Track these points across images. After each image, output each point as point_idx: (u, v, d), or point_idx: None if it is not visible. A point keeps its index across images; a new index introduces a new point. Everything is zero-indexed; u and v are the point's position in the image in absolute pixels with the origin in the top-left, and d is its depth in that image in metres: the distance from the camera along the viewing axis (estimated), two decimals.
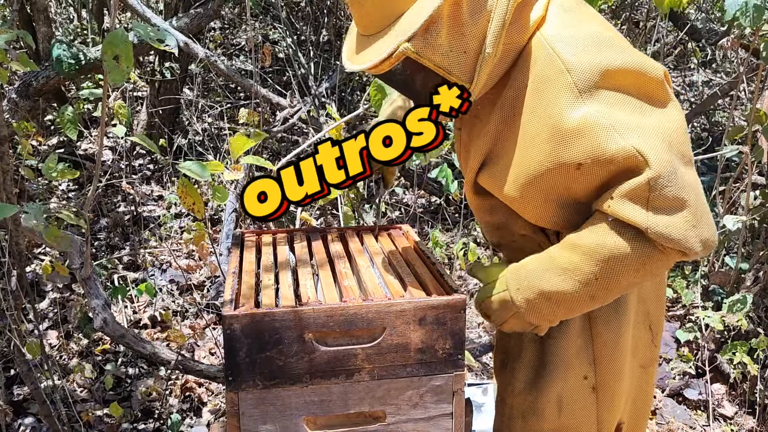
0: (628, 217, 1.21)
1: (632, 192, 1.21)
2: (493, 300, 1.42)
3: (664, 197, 1.20)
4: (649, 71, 1.29)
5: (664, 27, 4.75)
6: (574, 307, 1.34)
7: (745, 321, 2.81)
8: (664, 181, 1.19)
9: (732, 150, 3.03)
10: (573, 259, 1.29)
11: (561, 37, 1.29)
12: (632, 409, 1.63)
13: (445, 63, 1.28)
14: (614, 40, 1.32)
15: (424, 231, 4.13)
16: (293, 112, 4.08)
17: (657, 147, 1.21)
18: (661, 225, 1.20)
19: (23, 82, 3.39)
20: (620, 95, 1.26)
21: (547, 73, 1.27)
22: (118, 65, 1.49)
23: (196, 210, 1.81)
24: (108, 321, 2.18)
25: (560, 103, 1.25)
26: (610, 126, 1.22)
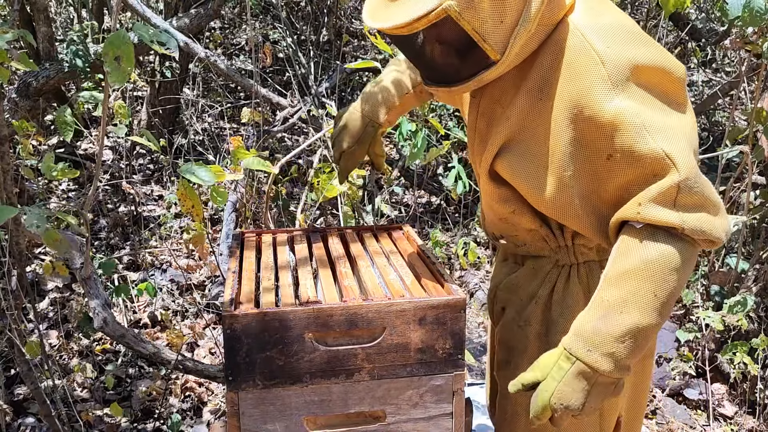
0: (661, 219, 1.24)
1: (661, 195, 1.23)
2: (566, 380, 1.27)
3: (691, 197, 1.23)
4: (673, 70, 1.31)
5: (664, 27, 4.75)
6: (649, 334, 1.27)
7: (745, 321, 2.81)
8: (692, 183, 1.23)
9: (732, 150, 3.03)
10: (625, 289, 1.25)
11: (592, 27, 1.30)
12: (630, 402, 1.63)
13: (482, 29, 1.24)
14: (642, 34, 1.33)
15: (424, 231, 4.13)
16: (293, 112, 4.09)
17: (683, 150, 1.24)
18: (692, 221, 1.23)
19: (23, 82, 3.39)
20: (649, 92, 1.28)
21: (580, 61, 1.27)
22: (119, 66, 1.49)
23: (194, 213, 1.81)
24: (108, 321, 2.18)
25: (594, 94, 1.25)
26: (642, 125, 1.24)
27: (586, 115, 1.27)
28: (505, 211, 1.50)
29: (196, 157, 4.21)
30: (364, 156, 1.78)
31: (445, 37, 1.28)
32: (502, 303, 1.64)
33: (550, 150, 1.33)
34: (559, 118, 1.31)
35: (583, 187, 1.34)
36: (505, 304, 1.62)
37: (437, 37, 1.28)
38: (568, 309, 1.49)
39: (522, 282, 1.57)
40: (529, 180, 1.37)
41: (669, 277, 1.24)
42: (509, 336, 1.59)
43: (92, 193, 1.88)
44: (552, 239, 1.48)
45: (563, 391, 1.26)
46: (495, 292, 1.66)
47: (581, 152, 1.30)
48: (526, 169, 1.37)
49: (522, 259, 1.59)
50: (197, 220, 1.84)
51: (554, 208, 1.37)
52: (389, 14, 1.27)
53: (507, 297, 1.61)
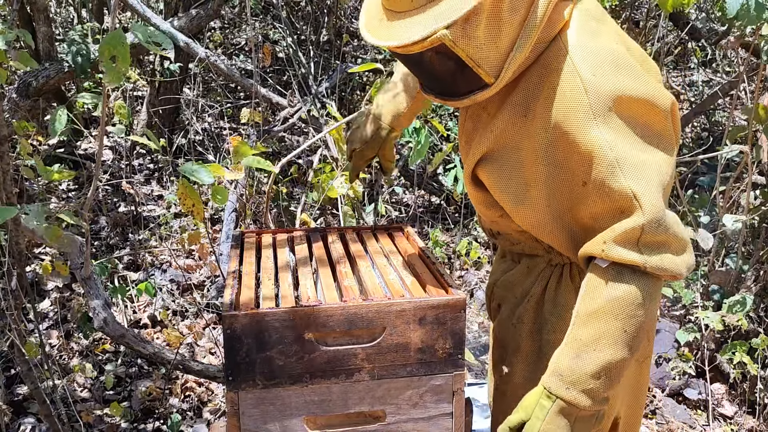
0: (624, 258, 1.26)
1: (624, 235, 1.26)
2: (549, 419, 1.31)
3: (654, 237, 1.26)
4: (658, 102, 1.31)
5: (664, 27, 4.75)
6: (621, 367, 1.31)
7: (745, 321, 2.81)
8: (655, 225, 1.25)
9: (732, 150, 3.02)
10: (596, 328, 1.29)
11: (582, 50, 1.30)
12: (628, 403, 1.63)
13: (476, 56, 1.26)
14: (632, 65, 1.33)
15: (424, 231, 4.13)
16: (293, 112, 4.09)
17: (652, 190, 1.26)
18: (654, 260, 1.26)
19: (23, 82, 3.39)
20: (628, 123, 1.29)
21: (564, 86, 1.28)
22: (115, 66, 1.49)
23: (195, 212, 1.81)
24: (108, 321, 2.18)
25: (574, 121, 1.26)
26: (615, 160, 1.25)
27: (565, 139, 1.28)
28: (493, 215, 1.51)
29: (196, 157, 4.21)
30: (372, 157, 1.82)
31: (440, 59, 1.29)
32: (498, 300, 1.65)
33: (528, 167, 1.35)
34: (540, 138, 1.32)
35: (557, 207, 1.35)
36: (501, 302, 1.63)
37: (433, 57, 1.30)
38: (559, 307, 1.50)
39: (517, 280, 1.58)
40: (505, 192, 1.39)
41: (636, 312, 1.28)
42: (504, 334, 1.60)
43: (92, 193, 1.88)
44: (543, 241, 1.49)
45: (548, 429, 1.30)
46: (492, 288, 1.67)
47: (559, 174, 1.31)
48: (504, 181, 1.39)
49: (518, 257, 1.60)
50: (198, 219, 1.84)
51: (528, 222, 1.39)
52: (386, 32, 1.29)
53: (503, 294, 1.62)
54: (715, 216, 3.26)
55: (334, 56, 5.22)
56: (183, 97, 4.60)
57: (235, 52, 5.71)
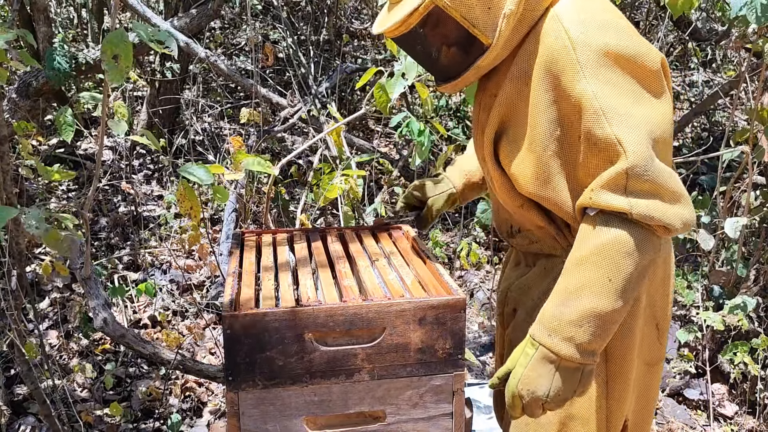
0: (611, 204, 1.26)
1: (611, 181, 1.26)
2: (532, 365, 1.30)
3: (642, 183, 1.26)
4: (645, 61, 1.34)
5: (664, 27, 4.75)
6: (608, 319, 1.28)
7: (745, 321, 2.81)
8: (641, 170, 1.25)
9: (733, 151, 3.02)
10: (581, 276, 1.28)
11: (571, 15, 1.35)
12: (637, 407, 1.63)
13: (470, 15, 1.34)
14: (621, 26, 1.36)
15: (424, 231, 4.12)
16: (293, 112, 4.08)
17: (638, 137, 1.27)
18: (642, 206, 1.25)
19: (23, 82, 3.38)
20: (617, 77, 1.31)
21: (554, 47, 1.33)
22: (117, 65, 1.49)
23: (193, 215, 1.81)
24: (108, 321, 2.18)
25: (565, 78, 1.31)
26: (600, 110, 1.28)
27: (560, 96, 1.33)
28: (515, 204, 1.52)
29: (196, 157, 4.21)
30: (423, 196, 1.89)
31: (439, 30, 1.39)
32: (513, 304, 1.64)
33: (532, 132, 1.38)
34: (539, 101, 1.36)
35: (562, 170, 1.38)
36: (517, 305, 1.62)
37: (433, 31, 1.40)
38: None
39: (533, 282, 1.58)
40: (516, 163, 1.42)
41: (623, 261, 1.26)
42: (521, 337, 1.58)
43: (92, 193, 1.88)
44: (561, 238, 1.49)
45: (529, 376, 1.30)
46: (506, 293, 1.66)
47: (558, 132, 1.35)
48: (514, 152, 1.43)
49: (534, 261, 1.60)
50: (196, 222, 1.84)
51: (537, 188, 1.40)
52: (388, 18, 1.42)
53: (518, 298, 1.61)
54: (716, 216, 3.26)
55: (334, 56, 5.22)
56: (183, 98, 4.60)
57: (235, 52, 5.71)
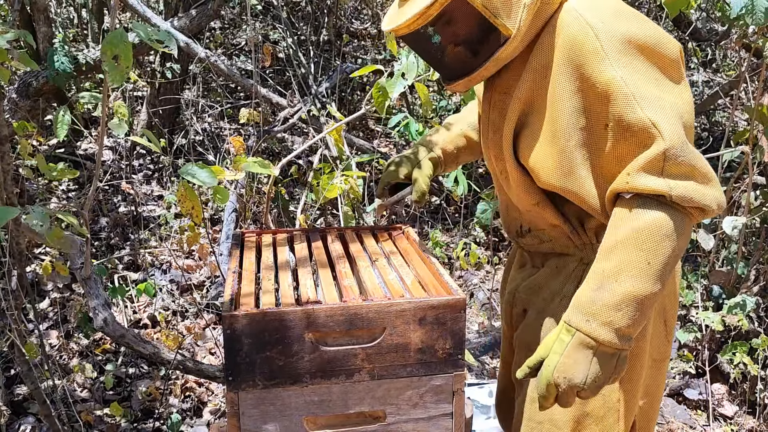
0: (649, 187, 1.25)
1: (648, 164, 1.26)
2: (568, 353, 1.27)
3: (678, 165, 1.25)
4: (664, 50, 1.34)
5: (663, 27, 4.74)
6: (646, 302, 1.27)
7: (745, 321, 2.81)
8: (678, 151, 1.25)
9: (733, 151, 3.02)
10: (619, 259, 1.27)
11: (587, 6, 1.35)
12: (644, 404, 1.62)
13: (491, 5, 1.32)
14: (636, 14, 1.38)
15: (424, 231, 4.13)
16: (293, 112, 4.08)
17: (671, 120, 1.27)
18: (680, 188, 1.25)
19: (23, 82, 3.39)
20: (642, 65, 1.31)
21: (576, 36, 1.32)
22: (117, 65, 1.48)
23: (194, 215, 1.81)
24: (108, 321, 2.18)
25: (590, 65, 1.29)
26: (631, 94, 1.27)
27: (584, 85, 1.31)
28: (530, 202, 1.51)
29: (196, 157, 4.21)
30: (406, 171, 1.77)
31: (456, 22, 1.34)
32: (523, 305, 1.62)
33: (554, 124, 1.37)
34: (561, 92, 1.34)
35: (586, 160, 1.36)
36: (527, 306, 1.61)
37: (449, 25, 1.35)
38: None
39: (544, 282, 1.56)
40: (537, 157, 1.40)
41: (661, 244, 1.25)
42: (532, 337, 1.57)
43: (92, 193, 1.88)
44: (576, 236, 1.49)
45: (565, 363, 1.27)
46: (514, 295, 1.64)
47: (582, 122, 1.33)
48: (534, 146, 1.41)
49: (542, 261, 1.59)
50: (197, 221, 1.84)
51: (559, 181, 1.39)
52: (402, 13, 1.36)
53: (528, 299, 1.60)
54: (716, 216, 3.26)
55: (334, 56, 5.22)
56: (183, 98, 4.60)
57: (235, 52, 5.71)
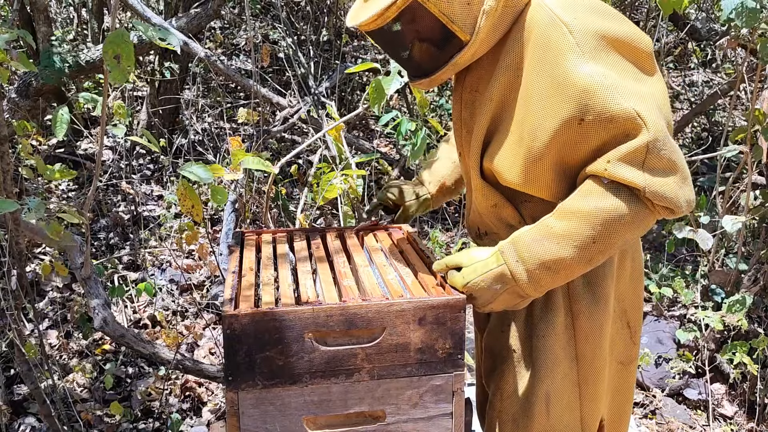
0: (626, 178, 1.26)
1: (630, 154, 1.26)
2: (485, 278, 1.38)
3: (659, 159, 1.26)
4: (639, 44, 1.35)
5: (664, 27, 4.75)
6: (572, 273, 1.36)
7: (745, 321, 2.81)
8: (660, 144, 1.25)
9: (732, 150, 3.03)
10: (570, 226, 1.31)
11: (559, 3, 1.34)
12: (612, 406, 1.63)
13: (448, 11, 1.31)
14: (608, 9, 1.37)
15: (424, 231, 4.13)
16: (293, 112, 4.08)
17: (652, 112, 1.27)
18: (656, 185, 1.26)
19: (23, 82, 3.39)
20: (617, 59, 1.31)
21: (549, 34, 1.31)
22: (119, 65, 1.48)
23: (194, 213, 1.81)
24: (108, 320, 2.18)
25: (564, 62, 1.28)
26: (612, 86, 1.26)
27: (558, 83, 1.30)
28: (488, 204, 1.52)
29: (196, 157, 4.21)
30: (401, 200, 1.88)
31: (416, 25, 1.35)
32: None
33: (522, 124, 1.36)
34: (532, 91, 1.34)
35: (553, 156, 1.36)
36: None
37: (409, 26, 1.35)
38: (549, 313, 1.50)
39: None
40: (504, 157, 1.40)
41: (614, 231, 1.29)
42: (493, 343, 1.60)
43: (92, 193, 1.88)
44: None
45: (479, 283, 1.38)
46: None
47: (554, 121, 1.32)
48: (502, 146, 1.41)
49: None
50: (197, 220, 1.84)
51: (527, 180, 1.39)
52: (364, 11, 1.37)
53: None
54: (715, 216, 3.26)
55: (334, 56, 5.22)
56: (183, 98, 4.60)
57: (235, 52, 5.71)
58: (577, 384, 1.53)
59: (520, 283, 1.36)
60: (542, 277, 1.34)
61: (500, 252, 1.38)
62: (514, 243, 1.37)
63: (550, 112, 1.31)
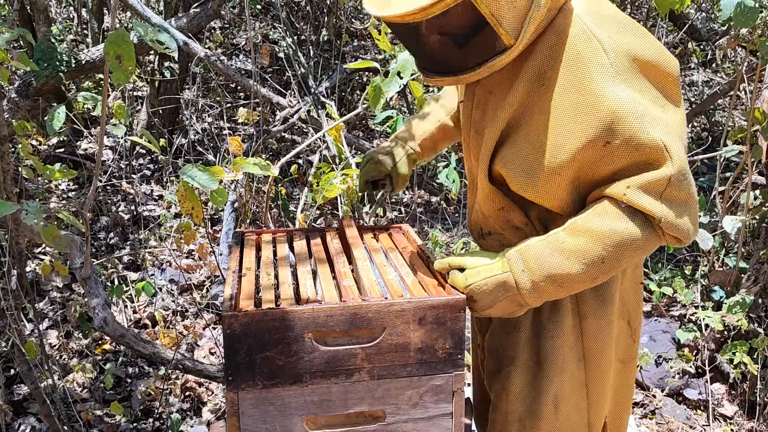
0: (645, 207, 1.28)
1: (651, 184, 1.27)
2: (488, 282, 1.37)
3: (678, 192, 1.28)
4: (666, 67, 1.34)
5: (664, 27, 4.75)
6: (573, 288, 1.37)
7: (745, 321, 2.81)
8: (681, 178, 1.28)
9: (732, 150, 3.03)
10: (582, 243, 1.32)
11: (593, 16, 1.31)
12: (613, 405, 1.63)
13: (498, 13, 1.23)
14: (636, 26, 1.36)
15: (424, 231, 4.13)
16: (293, 112, 4.08)
17: (677, 144, 1.28)
18: (672, 217, 1.29)
19: (23, 82, 3.38)
20: (646, 84, 1.31)
21: (582, 49, 1.28)
22: (121, 65, 1.48)
23: (194, 215, 1.81)
24: (108, 320, 2.18)
25: (596, 82, 1.27)
26: (642, 115, 1.26)
27: (587, 102, 1.28)
28: (494, 207, 1.50)
29: (195, 157, 4.21)
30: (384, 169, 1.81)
31: (456, 23, 1.24)
32: None
33: (545, 135, 1.34)
34: (559, 105, 1.31)
35: (571, 173, 1.35)
36: None
37: (446, 22, 1.24)
38: (557, 314, 1.49)
39: None
40: (519, 166, 1.38)
41: (623, 254, 1.31)
42: (498, 344, 1.58)
43: (92, 193, 1.88)
44: None
45: (481, 287, 1.37)
46: None
47: (578, 139, 1.30)
48: (518, 155, 1.38)
49: None
50: (197, 222, 1.83)
51: (540, 192, 1.39)
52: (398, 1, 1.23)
53: None
54: (715, 216, 3.26)
55: (334, 56, 5.22)
56: (183, 98, 4.60)
57: (235, 52, 5.71)
58: (584, 384, 1.53)
59: (522, 293, 1.36)
60: (546, 289, 1.35)
61: (507, 259, 1.37)
62: (521, 253, 1.36)
63: (576, 129, 1.29)
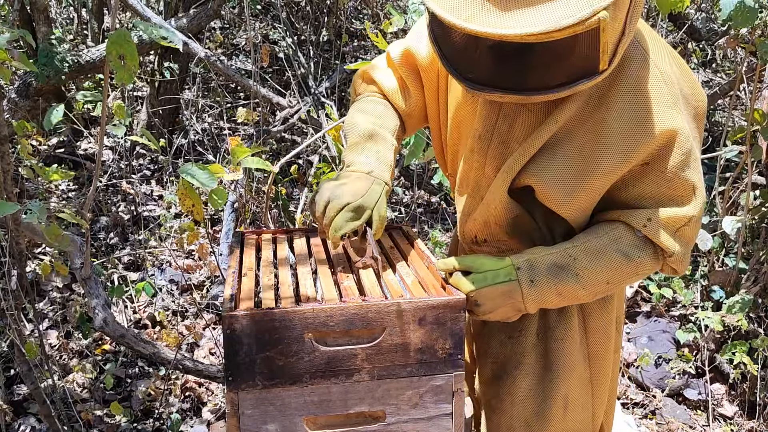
0: (662, 242, 1.33)
1: (672, 220, 1.32)
2: (495, 288, 1.36)
3: (691, 231, 1.35)
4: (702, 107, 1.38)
5: (664, 27, 4.75)
6: (573, 301, 1.41)
7: (745, 321, 2.81)
8: (696, 220, 1.34)
9: (732, 150, 3.03)
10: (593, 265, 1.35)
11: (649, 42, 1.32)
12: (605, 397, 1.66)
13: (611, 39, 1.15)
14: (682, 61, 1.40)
15: (424, 231, 4.13)
16: (293, 112, 4.09)
17: (702, 185, 1.34)
18: (681, 253, 1.36)
19: (23, 82, 3.39)
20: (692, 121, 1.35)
21: (644, 76, 1.28)
22: (124, 65, 1.48)
23: (195, 213, 1.81)
24: (108, 321, 2.18)
25: (656, 109, 1.28)
26: (689, 151, 1.30)
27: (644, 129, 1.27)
28: (507, 217, 1.47)
29: (196, 157, 4.21)
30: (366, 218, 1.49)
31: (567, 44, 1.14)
32: None
33: (591, 155, 1.32)
34: (611, 127, 1.29)
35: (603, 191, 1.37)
36: None
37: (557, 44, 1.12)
38: (565, 316, 1.50)
39: None
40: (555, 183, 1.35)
41: (628, 279, 1.38)
42: (498, 348, 1.57)
43: (92, 193, 1.88)
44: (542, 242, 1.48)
45: (486, 295, 1.37)
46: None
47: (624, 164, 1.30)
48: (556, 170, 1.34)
49: None
50: (198, 219, 1.83)
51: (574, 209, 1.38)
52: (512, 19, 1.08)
53: None
54: (715, 217, 3.26)
55: (334, 56, 5.22)
56: (183, 98, 4.60)
57: (235, 52, 5.71)
58: (590, 383, 1.54)
59: (526, 302, 1.37)
60: (549, 301, 1.38)
61: (515, 268, 1.36)
62: (531, 262, 1.36)
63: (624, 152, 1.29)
